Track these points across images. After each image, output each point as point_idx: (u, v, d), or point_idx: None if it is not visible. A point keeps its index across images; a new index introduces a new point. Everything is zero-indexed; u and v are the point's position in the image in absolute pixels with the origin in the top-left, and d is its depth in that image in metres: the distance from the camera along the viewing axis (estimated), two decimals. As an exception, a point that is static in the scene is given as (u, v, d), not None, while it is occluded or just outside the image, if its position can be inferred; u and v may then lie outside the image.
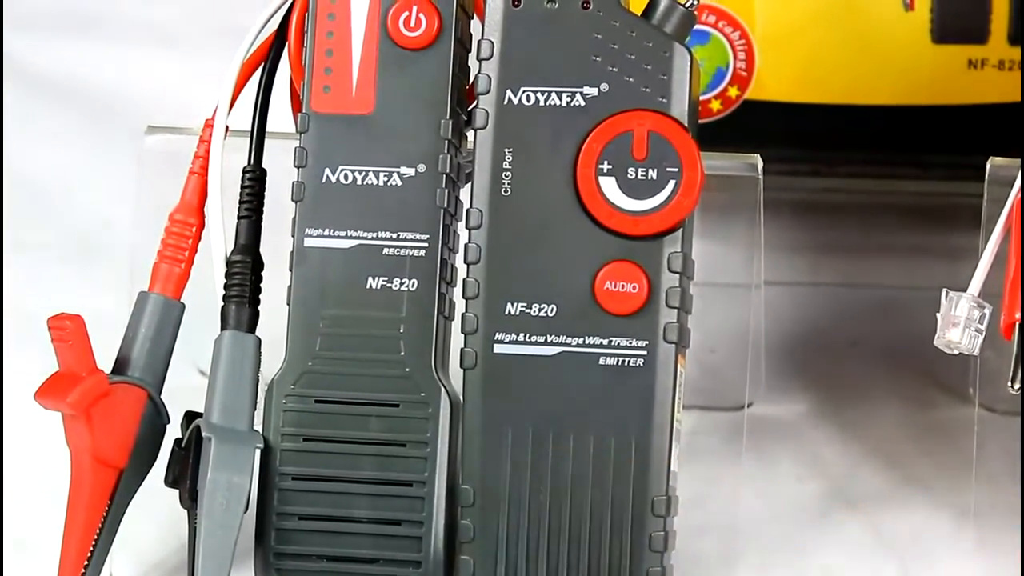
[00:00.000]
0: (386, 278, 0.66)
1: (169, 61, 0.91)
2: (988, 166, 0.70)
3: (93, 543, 0.67)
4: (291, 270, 0.67)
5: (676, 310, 0.64)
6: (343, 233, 0.67)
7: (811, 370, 0.83)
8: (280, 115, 0.69)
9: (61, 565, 0.67)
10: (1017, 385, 0.66)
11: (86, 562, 0.67)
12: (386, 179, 0.67)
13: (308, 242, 0.67)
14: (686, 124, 0.65)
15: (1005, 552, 0.73)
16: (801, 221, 0.87)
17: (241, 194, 0.68)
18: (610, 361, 0.65)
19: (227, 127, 0.68)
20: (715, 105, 0.81)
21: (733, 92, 0.82)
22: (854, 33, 0.81)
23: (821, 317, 0.86)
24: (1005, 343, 0.67)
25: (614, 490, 0.65)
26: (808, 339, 0.85)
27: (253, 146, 0.68)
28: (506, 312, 0.65)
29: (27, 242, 0.84)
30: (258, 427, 0.67)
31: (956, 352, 0.68)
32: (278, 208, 0.69)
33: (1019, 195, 0.67)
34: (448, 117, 0.67)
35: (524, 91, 0.66)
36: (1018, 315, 0.66)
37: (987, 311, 0.67)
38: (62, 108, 0.90)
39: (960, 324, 0.68)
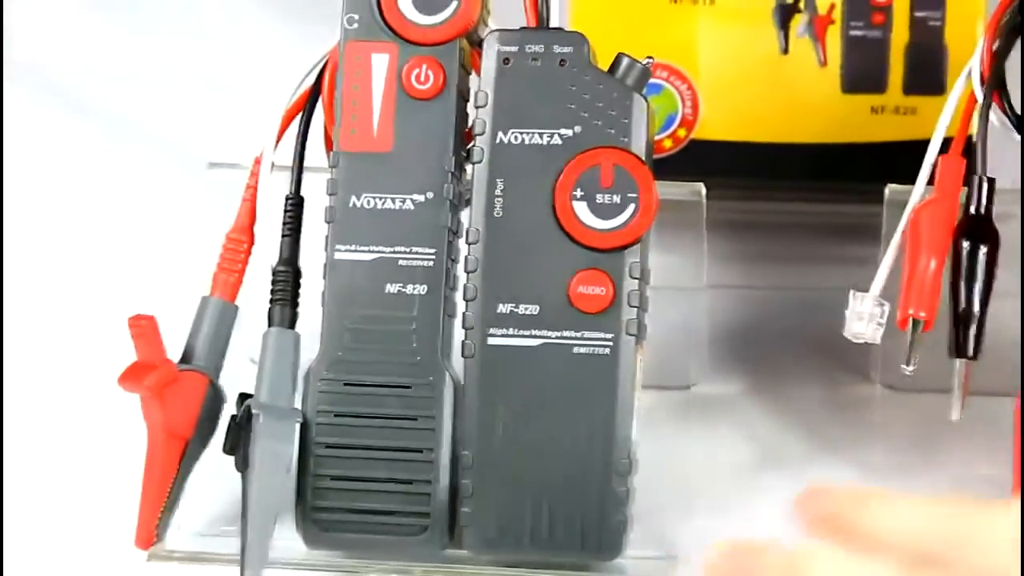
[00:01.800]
0: (401, 284, 0.67)
1: (222, 106, 0.90)
2: (887, 192, 0.71)
3: (166, 499, 0.67)
4: (324, 278, 0.68)
5: (636, 309, 0.65)
6: (366, 248, 0.67)
7: (746, 357, 0.82)
8: (316, 153, 0.70)
9: (140, 517, 0.67)
10: (911, 368, 0.68)
11: (160, 514, 0.68)
12: (401, 204, 0.67)
13: (338, 256, 0.67)
14: (644, 159, 0.66)
15: None
16: (739, 237, 0.85)
17: (284, 217, 0.70)
18: (583, 350, 0.66)
19: (272, 163, 0.69)
20: (667, 143, 0.81)
21: (682, 133, 0.81)
22: (779, 85, 0.81)
23: (755, 314, 0.84)
24: (901, 333, 0.67)
25: (585, 454, 0.66)
26: (744, 332, 0.84)
27: (294, 178, 0.69)
28: (498, 311, 0.66)
29: (113, 256, 0.84)
30: (298, 405, 0.68)
31: (862, 341, 0.69)
32: (314, 228, 0.69)
33: (912, 215, 0.68)
34: (451, 154, 0.67)
35: (512, 132, 0.67)
36: (911, 311, 0.67)
37: (886, 308, 0.69)
38: (138, 145, 0.89)
39: (865, 319, 0.69)
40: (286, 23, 0.92)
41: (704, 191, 0.73)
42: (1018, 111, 0.69)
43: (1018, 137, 0.68)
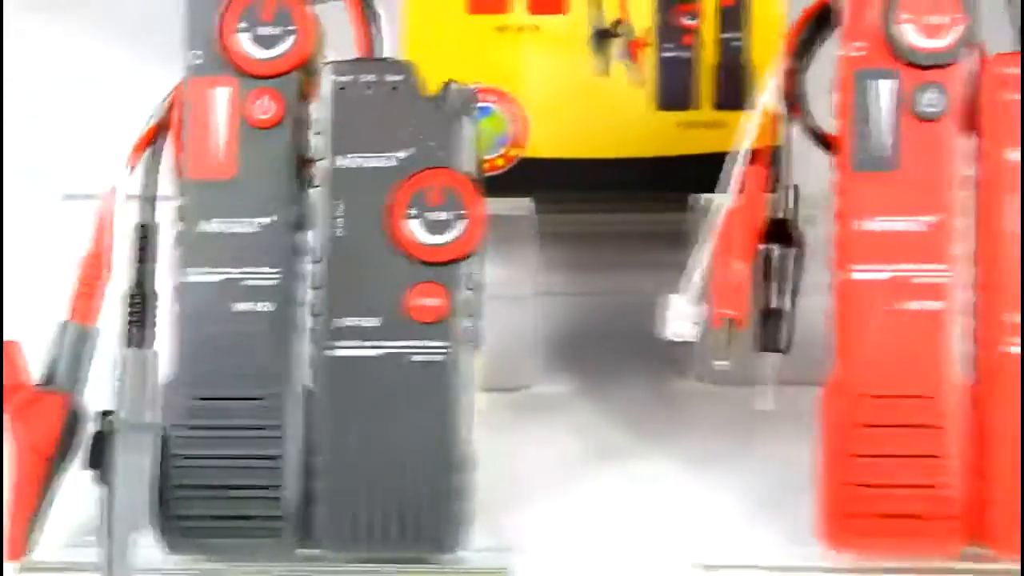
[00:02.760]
0: (249, 303, 0.68)
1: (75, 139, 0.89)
2: (699, 200, 0.73)
3: (33, 513, 0.67)
4: (177, 299, 0.68)
5: (470, 317, 0.67)
6: (216, 270, 0.68)
7: (577, 358, 0.83)
8: (166, 182, 0.70)
9: (10, 533, 0.67)
10: (724, 363, 0.70)
11: (28, 528, 0.67)
12: (247, 227, 0.68)
13: (190, 278, 0.68)
14: (472, 178, 0.67)
15: (716, 483, 0.75)
16: (569, 246, 0.85)
17: (138, 243, 0.70)
18: (421, 358, 0.67)
19: (125, 193, 0.69)
20: (499, 162, 0.82)
21: (512, 152, 0.82)
22: (599, 105, 0.82)
23: (584, 318, 0.85)
24: (716, 331, 0.69)
25: (427, 453, 0.67)
26: (575, 335, 0.85)
27: (146, 206, 0.70)
28: (341, 325, 0.67)
29: None
30: (156, 420, 0.68)
31: (680, 340, 0.70)
32: (166, 252, 0.69)
33: (721, 221, 0.70)
34: (293, 178, 0.68)
35: (350, 156, 0.68)
36: (722, 310, 0.69)
37: (701, 308, 0.70)
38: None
39: (681, 319, 0.71)
40: (137, 59, 0.91)
41: (533, 205, 0.75)
42: (817, 123, 0.70)
43: (817, 147, 0.70)
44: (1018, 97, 0.67)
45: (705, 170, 0.77)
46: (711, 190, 0.72)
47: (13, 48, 0.94)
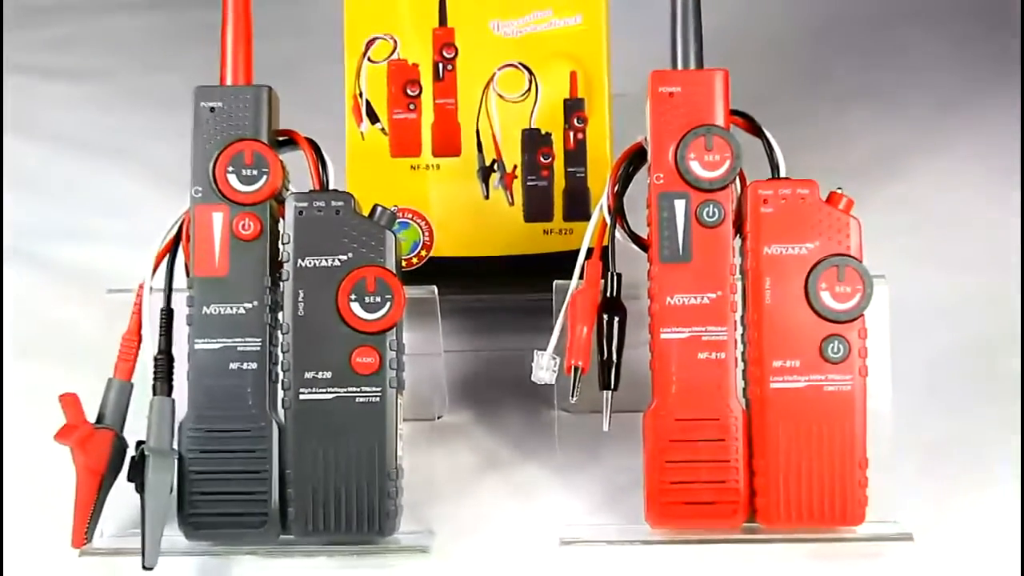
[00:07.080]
0: (239, 363, 0.74)
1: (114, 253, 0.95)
2: (554, 284, 0.79)
3: (91, 515, 0.74)
4: (188, 360, 0.75)
5: (395, 371, 0.74)
6: (215, 340, 0.75)
7: (473, 396, 0.87)
8: (180, 279, 0.76)
9: (74, 527, 0.73)
10: (574, 399, 0.75)
11: (87, 526, 0.74)
12: (236, 309, 0.74)
13: (197, 345, 0.75)
14: (395, 272, 0.74)
15: (573, 483, 0.80)
16: (465, 318, 0.89)
17: (160, 322, 0.76)
18: (362, 400, 0.74)
19: (151, 287, 0.76)
20: (414, 260, 0.87)
21: (423, 253, 0.87)
22: (484, 219, 0.87)
23: (478, 368, 0.89)
24: (566, 377, 0.75)
25: (367, 467, 0.73)
26: (471, 380, 0.88)
27: (165, 295, 0.76)
28: (305, 376, 0.74)
29: (55, 357, 0.88)
30: (175, 447, 0.74)
31: (543, 384, 0.77)
32: (181, 328, 0.75)
33: (570, 299, 0.76)
34: (268, 275, 0.75)
35: (308, 259, 0.74)
36: (573, 361, 0.75)
37: (558, 360, 0.77)
38: (62, 281, 0.94)
39: (544, 368, 0.77)
40: (151, 192, 1.00)
41: (436, 290, 0.79)
42: (635, 230, 0.77)
43: (634, 247, 0.77)
44: (772, 210, 0.74)
45: (558, 263, 0.83)
46: (561, 277, 0.78)
47: (66, 189, 1.01)
